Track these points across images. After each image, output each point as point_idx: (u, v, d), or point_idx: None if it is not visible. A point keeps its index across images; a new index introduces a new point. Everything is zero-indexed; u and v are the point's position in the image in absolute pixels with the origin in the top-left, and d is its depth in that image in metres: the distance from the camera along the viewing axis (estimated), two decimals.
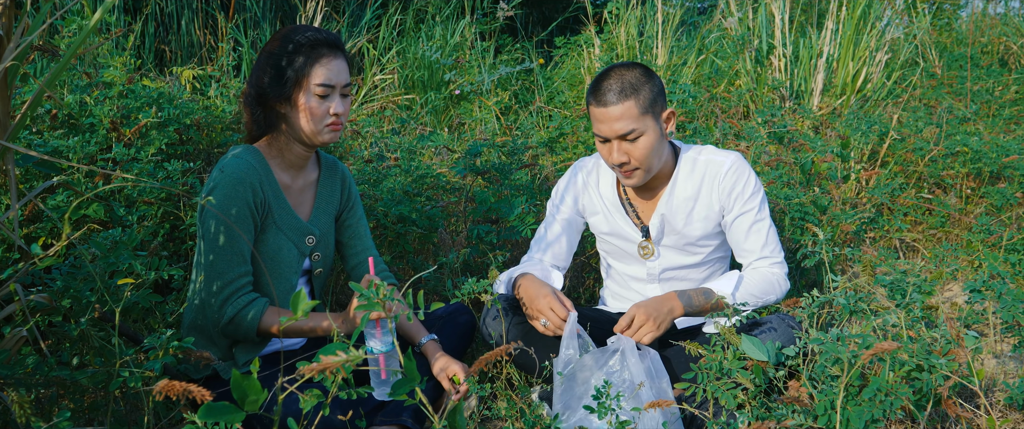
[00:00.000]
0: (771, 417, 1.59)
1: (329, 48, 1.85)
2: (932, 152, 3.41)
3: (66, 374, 1.57)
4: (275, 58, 1.84)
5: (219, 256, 1.80)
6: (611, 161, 1.96)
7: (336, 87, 1.86)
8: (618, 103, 1.90)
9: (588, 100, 1.98)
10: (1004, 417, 1.85)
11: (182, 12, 5.07)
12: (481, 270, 2.58)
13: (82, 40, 1.37)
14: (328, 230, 2.03)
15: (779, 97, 4.56)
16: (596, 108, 1.93)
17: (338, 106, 1.86)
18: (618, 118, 1.91)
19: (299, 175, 1.97)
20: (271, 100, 1.85)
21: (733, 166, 2.03)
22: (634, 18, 4.93)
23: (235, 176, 1.81)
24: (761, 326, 1.92)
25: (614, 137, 1.93)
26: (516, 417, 1.75)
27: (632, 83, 1.92)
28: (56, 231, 2.11)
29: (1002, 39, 5.85)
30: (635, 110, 1.91)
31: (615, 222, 2.12)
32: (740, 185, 2.02)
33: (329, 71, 1.84)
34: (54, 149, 2.21)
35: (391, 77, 5.14)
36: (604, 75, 1.95)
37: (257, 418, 1.77)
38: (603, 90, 1.92)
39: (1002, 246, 2.87)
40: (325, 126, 1.86)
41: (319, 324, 1.85)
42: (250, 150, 1.88)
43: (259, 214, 1.86)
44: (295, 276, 1.95)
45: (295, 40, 1.84)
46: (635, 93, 1.91)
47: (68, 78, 2.56)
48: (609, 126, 1.92)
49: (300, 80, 1.83)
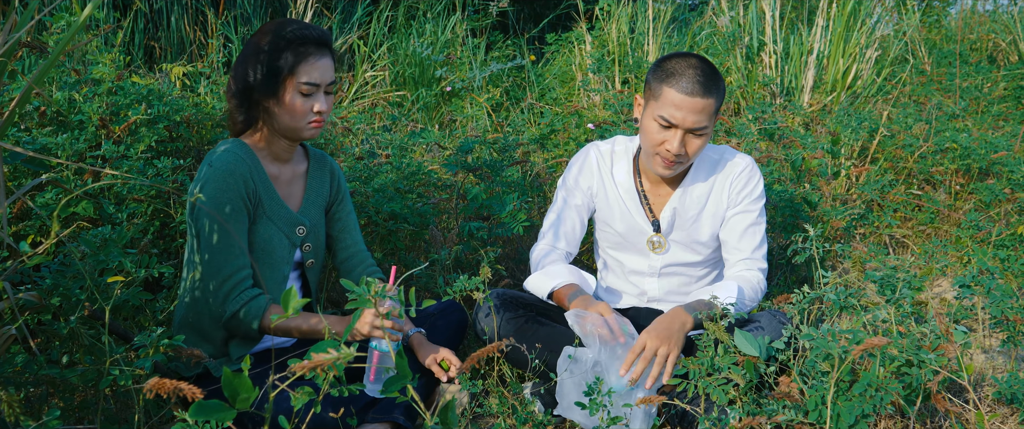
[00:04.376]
0: (762, 413, 1.60)
1: (316, 46, 1.85)
2: (921, 149, 3.42)
3: (56, 372, 1.56)
4: (262, 53, 1.83)
5: (216, 253, 1.80)
6: (667, 148, 1.89)
7: (321, 85, 1.86)
8: (704, 96, 1.85)
9: (661, 79, 1.89)
10: (993, 412, 1.86)
11: (172, 8, 5.04)
12: (473, 267, 2.58)
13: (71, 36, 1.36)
14: (318, 221, 2.03)
15: (770, 94, 4.58)
16: (677, 94, 1.85)
17: (321, 104, 1.86)
18: (700, 110, 1.85)
19: (286, 166, 1.97)
20: (256, 95, 1.86)
21: (747, 167, 2.04)
22: (625, 15, 4.93)
23: (225, 169, 1.81)
24: (751, 323, 1.93)
25: (685, 127, 1.87)
26: (508, 414, 1.75)
27: (717, 81, 1.87)
28: (45, 229, 2.10)
29: (991, 36, 5.88)
30: (713, 107, 1.87)
31: (628, 212, 2.10)
32: (750, 186, 2.04)
33: (315, 70, 1.84)
34: (43, 146, 2.20)
35: (382, 74, 5.12)
36: (687, 61, 1.88)
37: (248, 416, 1.77)
38: (691, 78, 1.85)
39: (991, 242, 2.89)
40: (307, 123, 1.86)
41: (319, 327, 1.84)
42: (238, 143, 1.89)
43: (251, 205, 1.86)
44: (287, 267, 1.95)
45: (283, 36, 1.83)
46: (718, 91, 1.88)
47: (57, 75, 2.54)
48: (685, 115, 1.85)
49: (286, 77, 1.82)
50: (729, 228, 2.05)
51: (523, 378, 2.10)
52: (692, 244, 2.08)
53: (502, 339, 1.86)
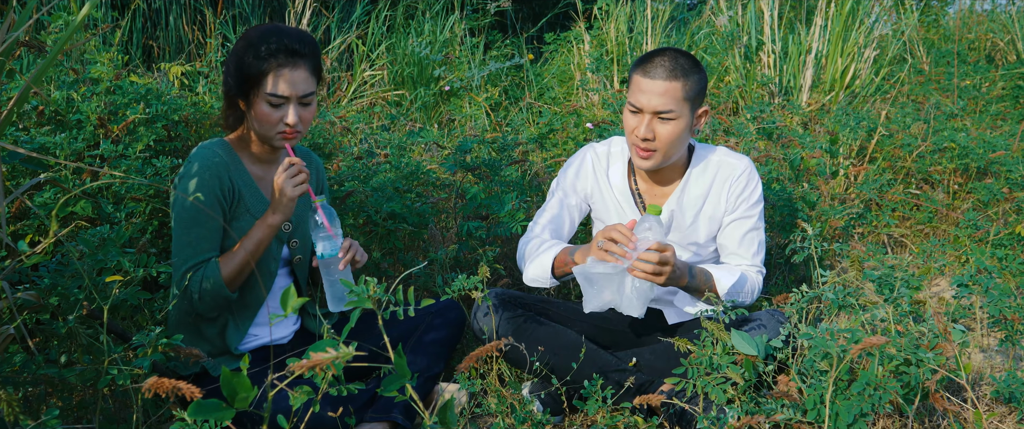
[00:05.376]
0: (760, 412, 1.60)
1: (287, 56, 1.81)
2: (920, 148, 3.42)
3: (54, 372, 1.56)
4: (236, 57, 1.84)
5: (182, 245, 1.82)
6: (636, 134, 1.93)
7: (290, 98, 1.82)
8: (666, 80, 1.90)
9: (633, 69, 1.96)
10: (991, 411, 1.86)
11: (170, 8, 5.04)
12: (471, 266, 2.58)
13: (69, 36, 1.36)
14: (304, 217, 2.04)
15: (768, 93, 4.58)
16: (641, 78, 1.92)
17: (292, 116, 1.83)
18: (661, 93, 1.89)
19: (270, 168, 1.98)
20: (233, 97, 1.87)
21: (746, 171, 2.04)
22: (624, 14, 4.93)
23: (201, 165, 1.83)
24: (750, 322, 1.93)
25: (649, 111, 1.91)
26: (507, 413, 1.75)
27: (685, 67, 1.91)
28: (43, 228, 2.10)
29: (989, 35, 5.89)
30: (679, 93, 1.90)
31: (623, 212, 2.10)
32: (748, 190, 2.04)
33: (281, 81, 1.80)
34: (41, 146, 2.20)
35: (380, 73, 5.12)
36: (660, 52, 1.94)
37: (247, 415, 1.77)
38: (655, 63, 1.91)
39: (989, 241, 2.89)
40: (276, 133, 1.85)
41: (259, 231, 1.84)
42: (219, 143, 1.91)
43: (227, 202, 1.87)
44: (275, 263, 1.96)
45: (256, 43, 1.81)
46: (685, 77, 1.91)
47: (55, 74, 2.53)
48: (648, 98, 1.90)
49: (253, 86, 1.82)
50: (727, 234, 2.05)
51: (522, 377, 2.10)
52: (689, 245, 2.08)
53: (501, 338, 1.86)
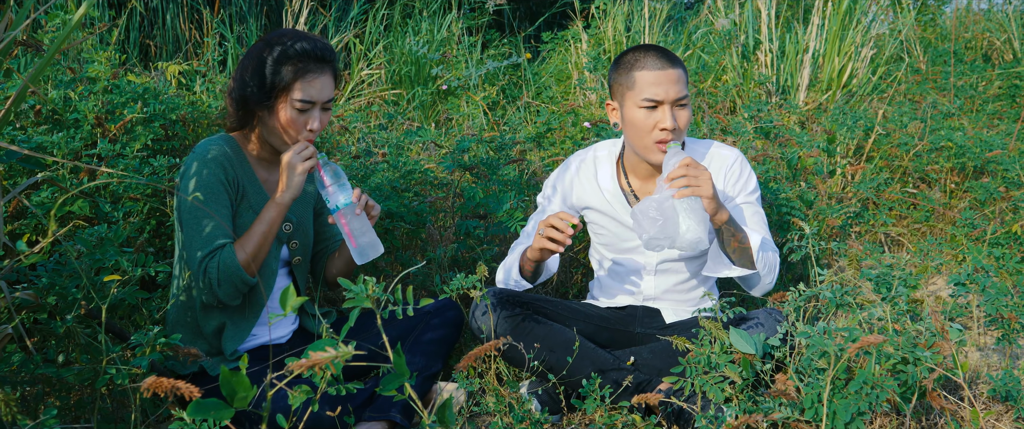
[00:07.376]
0: (758, 410, 1.60)
1: (317, 62, 1.83)
2: (917, 147, 3.43)
3: (52, 371, 1.56)
4: (261, 64, 1.82)
5: (195, 235, 1.81)
6: (662, 126, 1.93)
7: (317, 103, 1.84)
8: (674, 67, 1.93)
9: (630, 70, 1.96)
10: (987, 409, 1.87)
11: (167, 7, 5.03)
12: (469, 265, 2.58)
13: (66, 35, 1.36)
14: (305, 218, 2.04)
15: (765, 92, 4.58)
16: (651, 73, 1.93)
17: (316, 122, 1.84)
18: (676, 80, 1.93)
19: (274, 170, 1.98)
20: (251, 104, 1.85)
21: (738, 160, 2.08)
22: (621, 14, 4.93)
23: (205, 157, 1.83)
24: (748, 321, 1.93)
25: (670, 101, 1.92)
26: (505, 412, 1.76)
27: (673, 55, 1.97)
28: (41, 228, 2.09)
29: (985, 35, 5.89)
30: (685, 78, 1.96)
31: (617, 213, 2.11)
32: (744, 177, 2.07)
33: (313, 88, 1.82)
34: (38, 145, 2.19)
35: (378, 72, 5.12)
36: (643, 48, 1.97)
37: (246, 414, 1.77)
38: (656, 55, 1.94)
39: (986, 240, 2.90)
40: (297, 138, 1.86)
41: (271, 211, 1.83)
42: (224, 138, 1.90)
43: (233, 192, 1.86)
44: (275, 262, 1.95)
45: (284, 49, 1.82)
46: (683, 64, 1.97)
47: (52, 73, 2.53)
48: (667, 88, 1.92)
49: (281, 92, 1.81)
50: None
51: (520, 376, 2.10)
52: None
53: (499, 337, 1.86)
